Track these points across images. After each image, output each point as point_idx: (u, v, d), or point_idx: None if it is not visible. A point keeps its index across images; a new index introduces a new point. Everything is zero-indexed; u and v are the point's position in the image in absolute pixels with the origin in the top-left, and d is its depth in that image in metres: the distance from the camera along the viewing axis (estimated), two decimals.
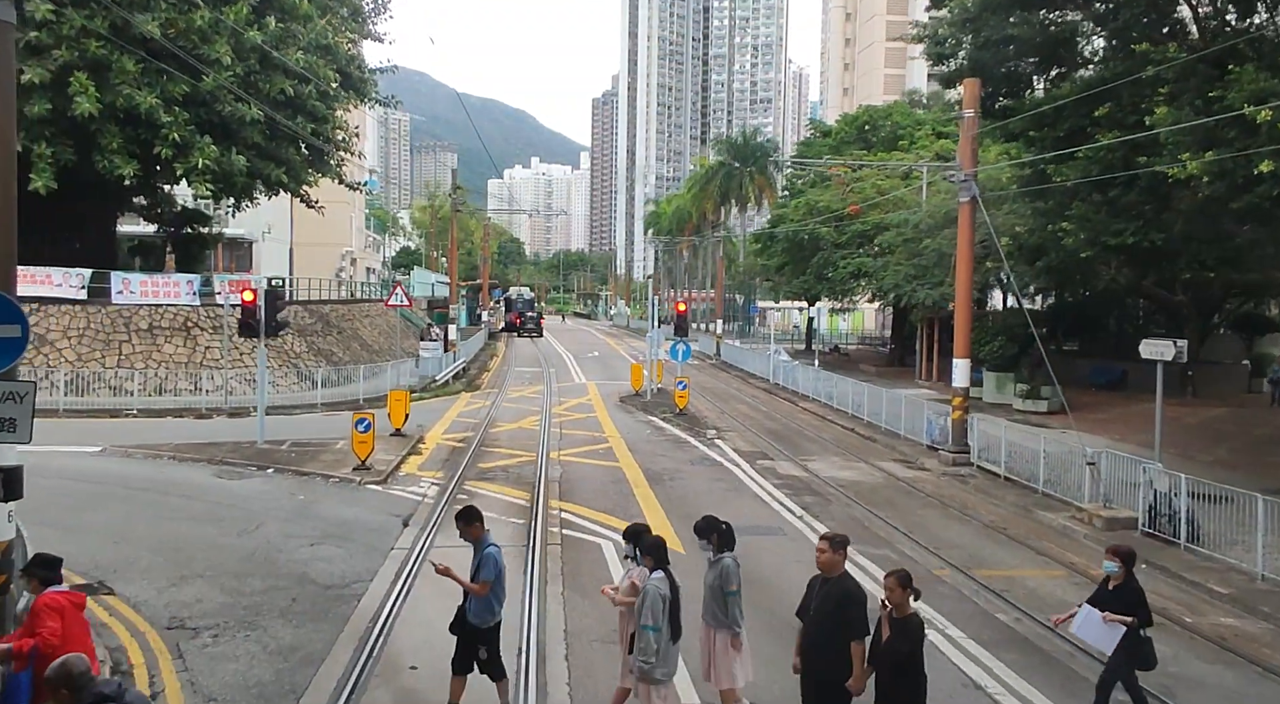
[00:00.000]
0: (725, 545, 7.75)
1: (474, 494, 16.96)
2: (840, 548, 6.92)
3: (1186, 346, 15.24)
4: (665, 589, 7.05)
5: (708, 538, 7.78)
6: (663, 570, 7.18)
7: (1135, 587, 7.99)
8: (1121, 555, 8.03)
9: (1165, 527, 14.16)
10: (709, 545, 7.77)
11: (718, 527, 7.81)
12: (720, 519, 7.92)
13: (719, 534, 7.77)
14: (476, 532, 7.88)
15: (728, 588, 7.58)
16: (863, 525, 15.50)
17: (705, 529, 7.84)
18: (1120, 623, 7.72)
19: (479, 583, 7.69)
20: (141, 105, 26.30)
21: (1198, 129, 16.10)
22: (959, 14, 23.23)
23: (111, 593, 11.12)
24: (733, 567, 7.67)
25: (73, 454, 19.63)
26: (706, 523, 7.88)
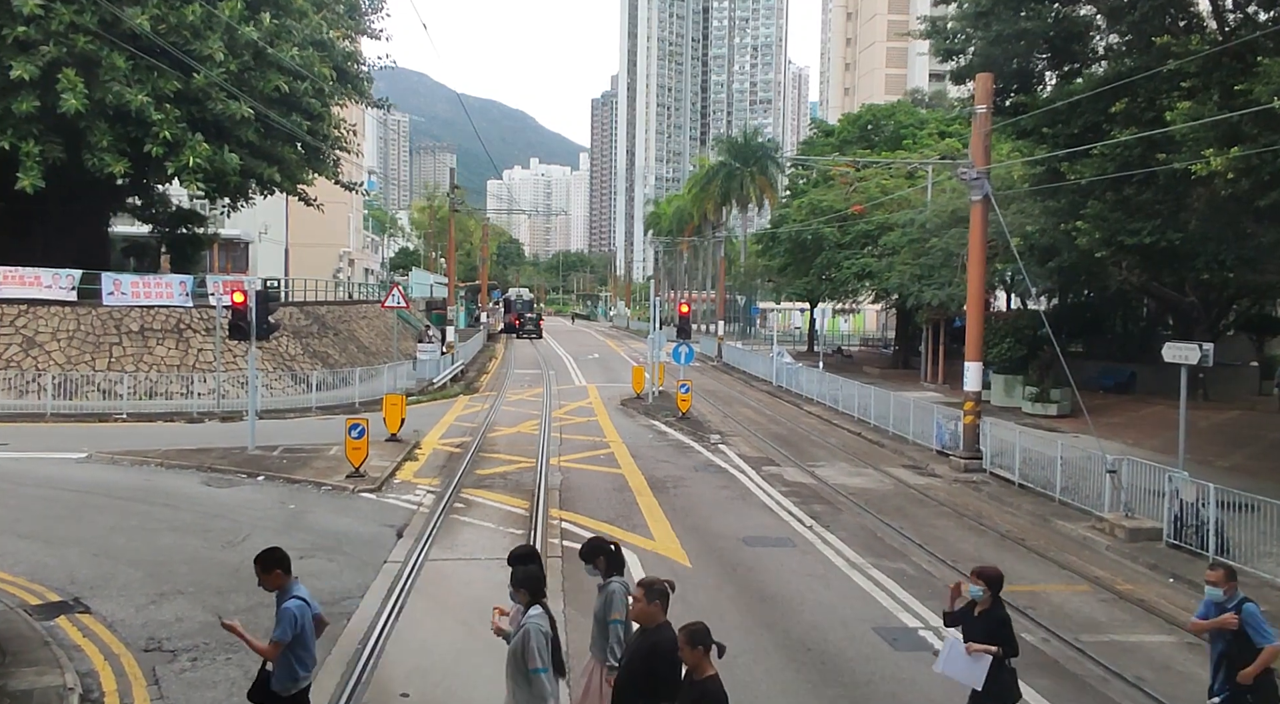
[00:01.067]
0: (614, 569, 7.08)
1: (471, 502, 16.40)
2: (657, 598, 6.01)
3: (1212, 350, 14.68)
4: (546, 625, 6.33)
5: (593, 562, 7.10)
6: (540, 605, 6.43)
7: (1001, 614, 7.12)
8: (986, 578, 7.16)
9: (1192, 538, 13.58)
10: (595, 570, 7.09)
11: (605, 549, 7.15)
12: (609, 540, 7.26)
13: (607, 557, 7.10)
14: (277, 580, 6.61)
15: (610, 616, 6.90)
16: (875, 536, 14.93)
17: (591, 552, 7.15)
18: (985, 653, 6.93)
19: (270, 644, 6.47)
20: (132, 102, 25.71)
21: (1220, 124, 15.55)
22: (969, 8, 22.71)
23: (87, 611, 10.54)
24: (620, 593, 6.94)
25: (57, 460, 19.06)
26: (592, 545, 7.22)
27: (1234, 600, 7.07)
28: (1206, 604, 7.28)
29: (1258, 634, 6.94)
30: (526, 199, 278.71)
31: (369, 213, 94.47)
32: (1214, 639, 7.27)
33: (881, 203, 40.31)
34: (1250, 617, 6.97)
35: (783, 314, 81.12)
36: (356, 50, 35.25)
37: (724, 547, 13.95)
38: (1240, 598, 7.08)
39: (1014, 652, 7.06)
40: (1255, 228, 19.35)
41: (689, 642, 5.42)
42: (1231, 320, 33.34)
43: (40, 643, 9.36)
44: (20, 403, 25.56)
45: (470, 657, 9.58)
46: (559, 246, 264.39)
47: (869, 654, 9.87)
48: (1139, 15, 19.37)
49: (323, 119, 32.42)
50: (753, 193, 70.50)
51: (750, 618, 10.90)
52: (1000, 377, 32.07)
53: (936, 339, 38.51)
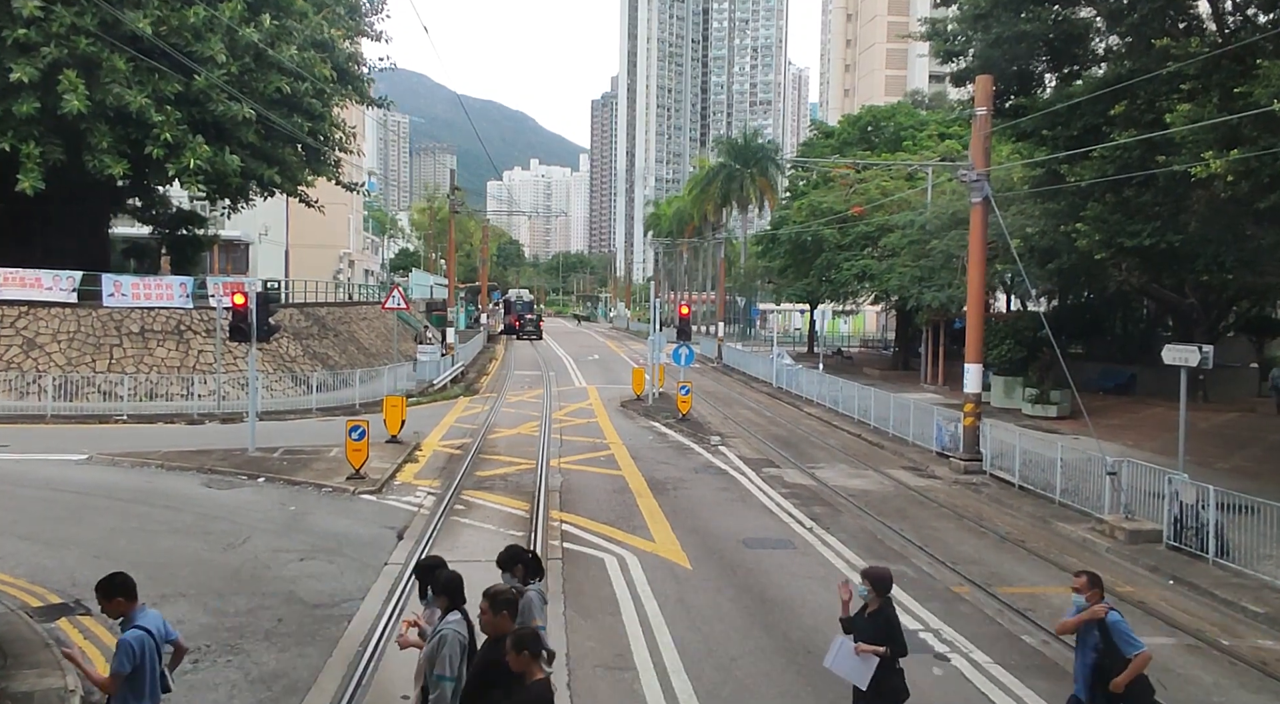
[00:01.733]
0: (532, 577, 7.04)
1: (471, 504, 16.41)
2: (504, 608, 5.80)
3: (1212, 352, 14.69)
4: (464, 632, 6.16)
5: (511, 569, 7.02)
6: (460, 611, 6.26)
7: (889, 614, 7.09)
8: (872, 579, 7.13)
9: (1192, 540, 13.58)
10: (513, 578, 6.99)
11: (522, 556, 7.07)
12: (526, 548, 7.14)
13: (524, 565, 7.02)
14: (118, 607, 6.05)
15: (530, 624, 6.74)
16: (875, 538, 14.94)
17: (509, 559, 7.07)
18: (873, 654, 6.86)
19: (108, 676, 5.95)
20: (132, 104, 25.70)
21: (1219, 127, 15.56)
22: (969, 10, 22.74)
23: (88, 614, 10.53)
24: (536, 601, 6.88)
25: (58, 462, 19.05)
26: (510, 552, 7.13)
27: None
28: (1074, 611, 7.23)
29: (1126, 644, 6.91)
30: (526, 200, 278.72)
31: (369, 214, 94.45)
32: (1081, 648, 7.18)
33: (881, 204, 40.31)
34: (1116, 627, 6.95)
35: (783, 315, 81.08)
36: (357, 51, 35.28)
37: (724, 548, 13.95)
38: (1110, 606, 7.07)
39: (902, 652, 7.02)
40: (1255, 230, 19.36)
41: (515, 646, 5.36)
42: (1231, 322, 33.34)
43: (41, 645, 9.36)
44: (21, 404, 25.56)
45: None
46: (559, 248, 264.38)
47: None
48: (1139, 17, 19.38)
49: (323, 120, 32.42)
50: (753, 194, 70.48)
51: (750, 620, 10.90)
52: (1000, 378, 32.07)
53: (936, 341, 38.50)
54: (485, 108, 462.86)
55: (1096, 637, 7.03)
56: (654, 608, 11.14)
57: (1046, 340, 23.15)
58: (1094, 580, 7.22)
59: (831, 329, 69.70)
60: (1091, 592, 7.14)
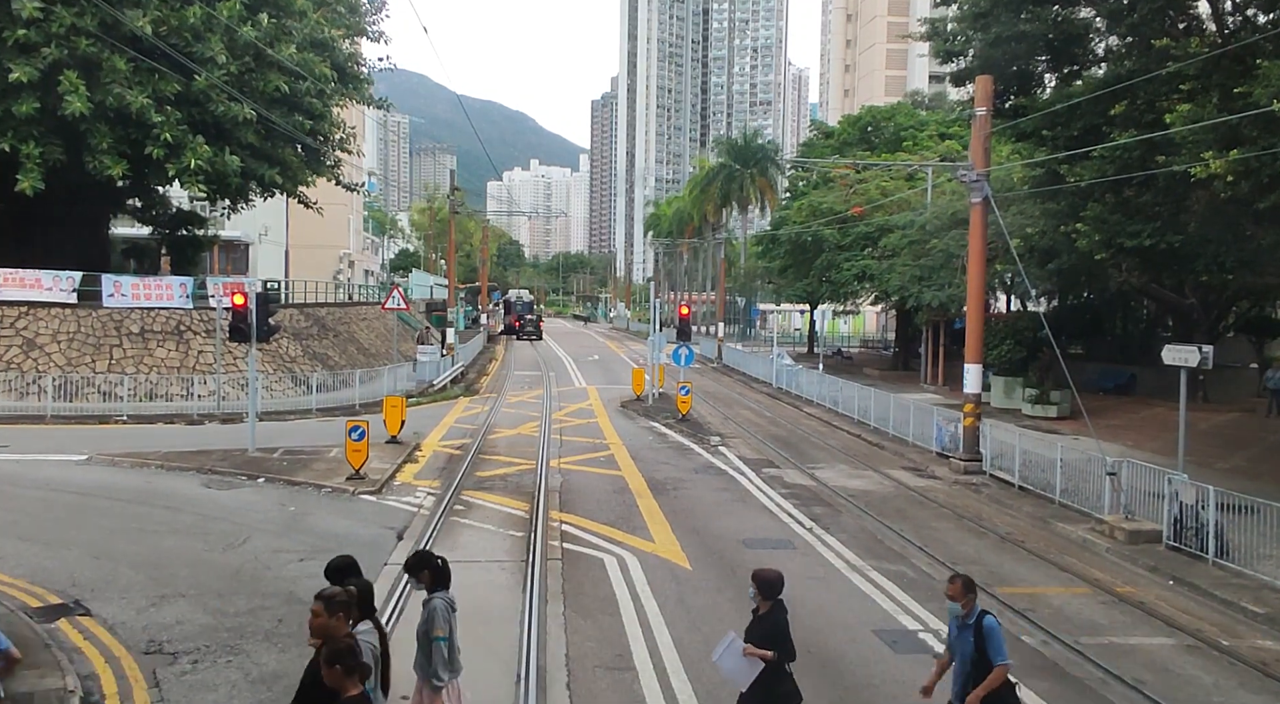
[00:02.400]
0: (439, 584, 6.81)
1: (471, 505, 16.40)
2: (340, 610, 5.48)
3: (1212, 352, 14.69)
4: (375, 642, 5.94)
5: (418, 575, 6.84)
6: (370, 621, 6.07)
7: (777, 618, 6.92)
8: (759, 582, 6.95)
9: (1192, 540, 13.58)
10: (420, 584, 6.83)
11: (430, 562, 6.84)
12: (435, 554, 6.92)
13: (432, 571, 6.81)
14: None
15: (434, 633, 6.67)
16: (875, 538, 14.93)
17: (416, 565, 6.88)
18: (759, 657, 6.70)
19: None
20: (133, 104, 25.71)
21: (1219, 127, 15.57)
22: (969, 10, 22.75)
23: (88, 614, 10.54)
24: (442, 609, 6.68)
25: (58, 463, 19.04)
26: (419, 557, 6.95)
27: (974, 614, 6.80)
28: (951, 619, 7.02)
29: (994, 652, 6.64)
30: (526, 200, 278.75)
31: (369, 214, 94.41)
32: (957, 656, 6.95)
33: (881, 204, 40.31)
34: (989, 633, 6.68)
35: (783, 316, 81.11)
36: (357, 51, 35.28)
37: (724, 549, 13.95)
38: (979, 611, 6.82)
39: (790, 657, 6.87)
40: (1255, 230, 19.37)
41: (327, 659, 4.93)
42: (1231, 322, 33.33)
43: (41, 645, 9.36)
44: (20, 405, 25.55)
45: (471, 659, 9.53)
46: (559, 248, 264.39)
47: (869, 657, 9.88)
48: (1138, 18, 19.40)
49: (324, 119, 32.42)
50: (753, 194, 70.48)
51: (750, 620, 10.88)
52: (1000, 378, 32.07)
53: (936, 341, 38.49)
54: (485, 108, 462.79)
55: (971, 643, 6.75)
56: (654, 608, 11.14)
57: (1046, 340, 23.15)
58: (968, 585, 6.92)
59: (831, 329, 69.68)
60: (966, 598, 6.85)
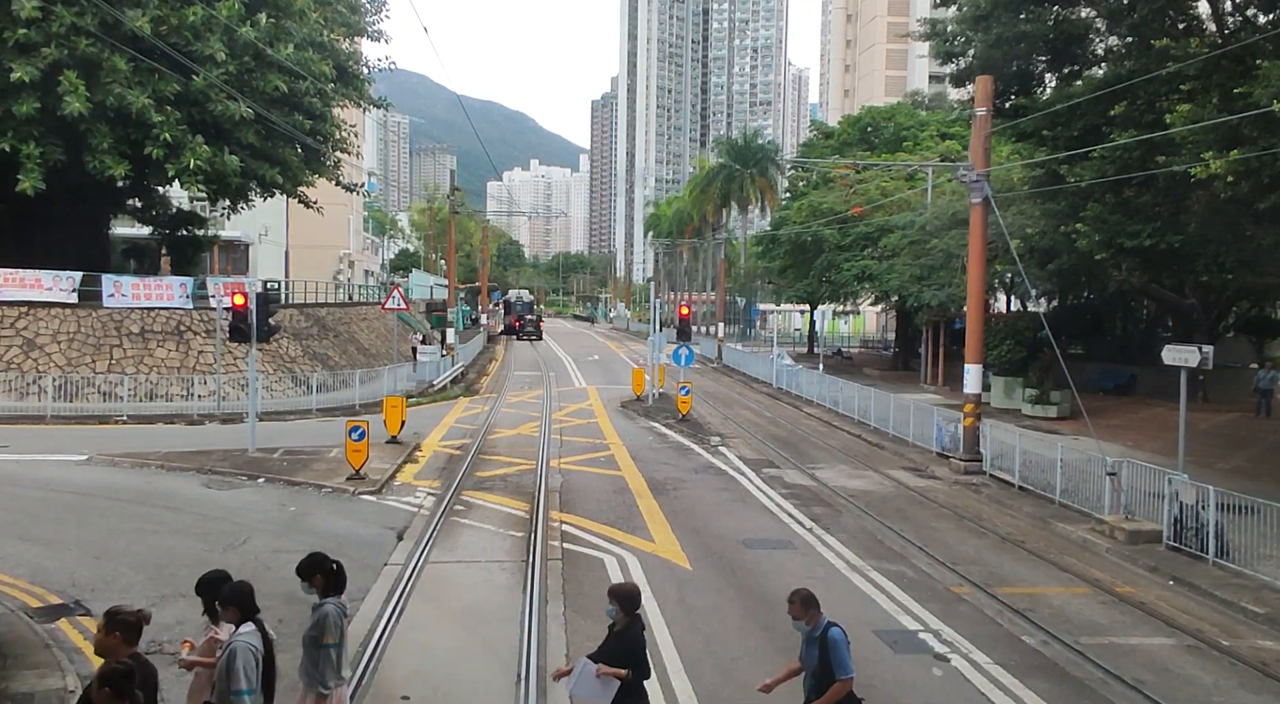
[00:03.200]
0: (333, 589, 6.59)
1: (471, 505, 16.40)
2: (118, 629, 5.19)
3: (1212, 352, 14.69)
4: (258, 644, 5.81)
5: (310, 580, 6.59)
6: (252, 622, 5.91)
7: (636, 633, 6.69)
8: (619, 597, 6.73)
9: (1192, 541, 13.58)
10: (312, 588, 6.60)
11: (324, 566, 6.57)
12: (330, 558, 6.67)
13: (325, 576, 6.56)
14: None
15: (323, 639, 6.44)
16: (875, 538, 14.93)
17: (309, 568, 6.60)
18: (613, 676, 6.46)
19: None
20: (133, 104, 25.71)
21: (1219, 127, 15.57)
22: (969, 10, 22.74)
23: (88, 614, 10.53)
24: (334, 615, 6.46)
25: (58, 463, 19.04)
26: (312, 561, 6.65)
27: (819, 627, 6.63)
28: (803, 639, 6.83)
29: (836, 665, 6.46)
30: (526, 200, 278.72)
31: (369, 214, 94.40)
32: (805, 670, 6.76)
33: (881, 205, 40.32)
34: (833, 645, 6.50)
35: (783, 316, 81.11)
36: (357, 51, 35.27)
37: (724, 549, 13.95)
38: (825, 624, 6.64)
39: (645, 674, 6.69)
40: (1255, 230, 19.37)
41: (99, 680, 4.63)
42: (1231, 322, 33.35)
43: (41, 646, 9.37)
44: (21, 405, 25.56)
45: (471, 659, 9.59)
46: (559, 248, 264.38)
47: (869, 657, 9.86)
48: (1138, 18, 19.41)
49: (324, 119, 32.42)
50: (753, 194, 70.50)
51: (750, 620, 10.90)
52: (1000, 379, 32.08)
53: (936, 341, 38.50)
54: (485, 108, 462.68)
55: (816, 656, 6.57)
56: (654, 608, 11.13)
57: (1046, 341, 23.17)
58: (806, 601, 6.67)
59: (831, 329, 69.70)
60: (808, 614, 6.64)
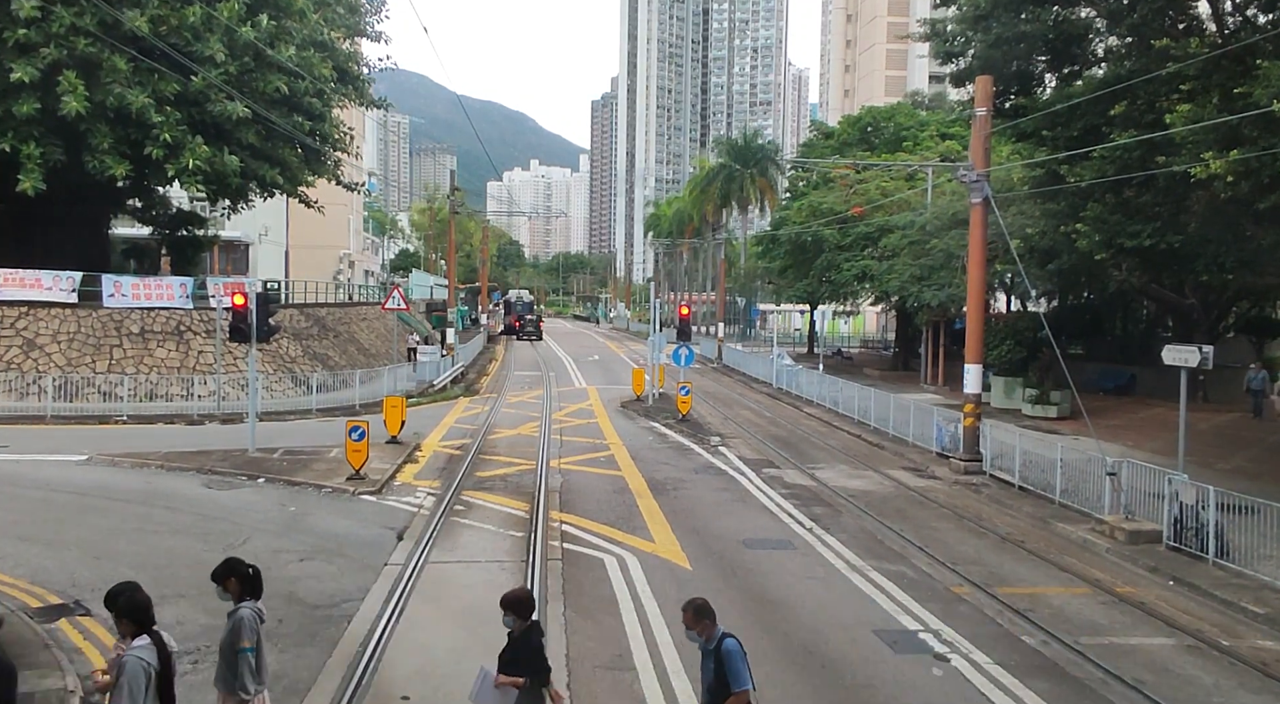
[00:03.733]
0: (248, 593, 6.46)
1: (471, 505, 16.41)
2: None
3: (1212, 353, 14.69)
4: (151, 659, 5.63)
5: (224, 583, 6.44)
6: (148, 635, 5.74)
7: (532, 640, 6.64)
8: (509, 606, 6.66)
9: (1192, 541, 13.57)
10: (226, 593, 6.45)
11: (239, 570, 6.46)
12: (246, 563, 6.57)
13: (240, 579, 6.43)
14: None
15: (239, 644, 6.32)
16: (875, 538, 14.93)
17: (223, 572, 6.46)
18: (511, 685, 6.43)
19: None
20: (132, 104, 25.71)
21: (1219, 127, 15.57)
22: (969, 11, 22.73)
23: (88, 614, 10.54)
24: (249, 619, 6.32)
25: (58, 463, 19.04)
26: (227, 564, 6.52)
27: (714, 639, 6.47)
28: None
29: (732, 677, 6.30)
30: (526, 201, 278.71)
31: (369, 215, 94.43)
32: (702, 678, 6.61)
33: (881, 205, 40.31)
34: (727, 656, 6.34)
35: (783, 316, 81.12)
36: (357, 51, 35.27)
37: (724, 549, 13.95)
38: (720, 636, 6.46)
39: (544, 680, 6.61)
40: (1255, 230, 19.37)
41: None
42: (1231, 322, 33.32)
43: (41, 646, 9.37)
44: (21, 405, 25.56)
45: (471, 659, 9.56)
46: (559, 248, 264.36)
47: (869, 657, 9.87)
48: (1138, 18, 19.40)
49: (323, 120, 32.41)
50: (753, 194, 70.49)
51: (750, 620, 10.89)
52: (1000, 379, 32.06)
53: (936, 341, 38.48)
54: (485, 108, 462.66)
55: (711, 669, 6.41)
56: (654, 608, 11.14)
57: (1046, 341, 23.17)
58: (699, 611, 6.52)
59: (831, 330, 69.69)
60: (700, 624, 6.47)
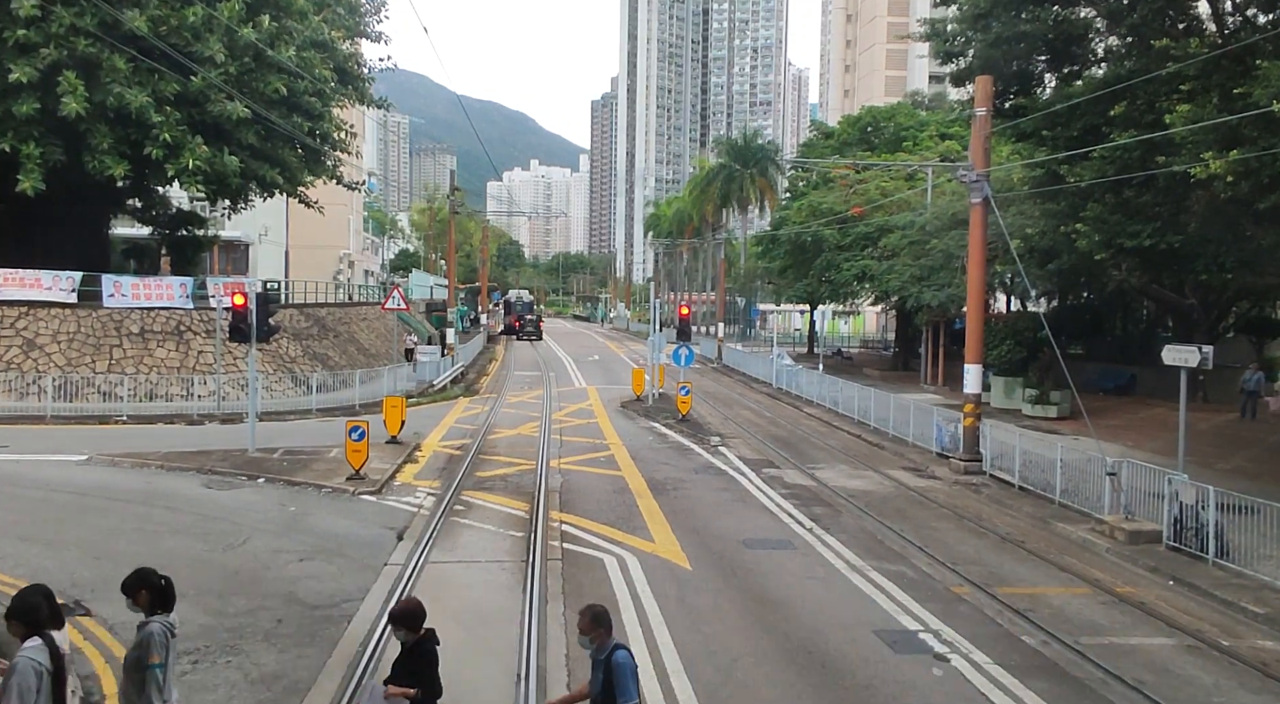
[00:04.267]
0: (158, 606, 6.12)
1: (471, 505, 16.40)
2: None
3: (1212, 353, 14.69)
4: (43, 660, 5.43)
5: (134, 596, 6.12)
6: (40, 636, 5.54)
7: (425, 650, 6.43)
8: (398, 620, 6.44)
9: (1192, 541, 13.57)
10: (136, 606, 6.15)
11: (150, 581, 6.13)
12: (159, 574, 6.24)
13: (150, 591, 6.10)
14: None
15: (148, 660, 5.96)
16: (875, 538, 14.92)
17: (133, 585, 6.12)
18: (402, 696, 6.23)
19: None
20: (132, 104, 25.70)
21: (1219, 127, 15.57)
22: (969, 10, 22.74)
23: (88, 614, 10.53)
24: (159, 634, 5.99)
25: (58, 463, 19.03)
26: (138, 575, 6.20)
27: (605, 650, 6.24)
28: None
29: (620, 691, 6.08)
30: (526, 201, 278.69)
31: (369, 215, 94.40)
32: (591, 689, 6.39)
33: (881, 205, 40.31)
34: (617, 668, 6.12)
35: (783, 316, 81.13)
36: (357, 51, 35.26)
37: (724, 549, 13.95)
38: (612, 647, 6.24)
39: (436, 693, 6.40)
40: (1255, 230, 19.37)
41: None
42: (1231, 323, 33.31)
43: None
44: (20, 405, 25.55)
45: (471, 659, 9.57)
46: (559, 248, 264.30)
47: (869, 657, 9.87)
48: (1138, 18, 19.41)
49: (323, 120, 32.40)
50: (753, 194, 70.48)
51: (750, 620, 10.90)
52: (1000, 379, 32.07)
53: (936, 341, 38.48)
54: (485, 108, 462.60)
55: (600, 680, 6.22)
56: (654, 608, 11.14)
57: (1046, 341, 23.17)
58: (597, 618, 6.29)
59: (831, 330, 69.72)
60: (595, 631, 6.26)
